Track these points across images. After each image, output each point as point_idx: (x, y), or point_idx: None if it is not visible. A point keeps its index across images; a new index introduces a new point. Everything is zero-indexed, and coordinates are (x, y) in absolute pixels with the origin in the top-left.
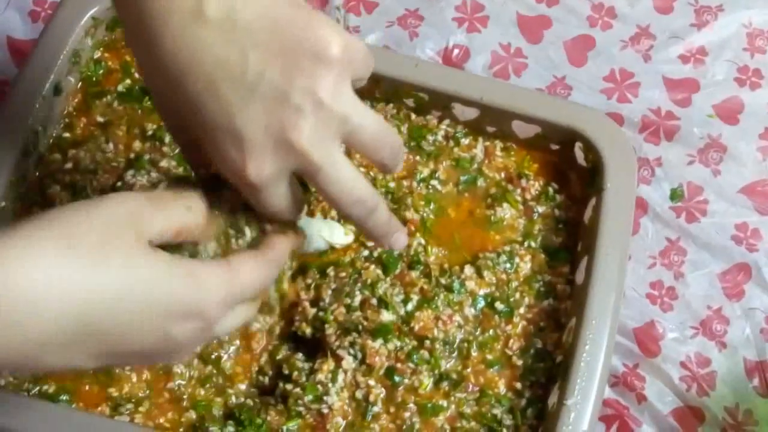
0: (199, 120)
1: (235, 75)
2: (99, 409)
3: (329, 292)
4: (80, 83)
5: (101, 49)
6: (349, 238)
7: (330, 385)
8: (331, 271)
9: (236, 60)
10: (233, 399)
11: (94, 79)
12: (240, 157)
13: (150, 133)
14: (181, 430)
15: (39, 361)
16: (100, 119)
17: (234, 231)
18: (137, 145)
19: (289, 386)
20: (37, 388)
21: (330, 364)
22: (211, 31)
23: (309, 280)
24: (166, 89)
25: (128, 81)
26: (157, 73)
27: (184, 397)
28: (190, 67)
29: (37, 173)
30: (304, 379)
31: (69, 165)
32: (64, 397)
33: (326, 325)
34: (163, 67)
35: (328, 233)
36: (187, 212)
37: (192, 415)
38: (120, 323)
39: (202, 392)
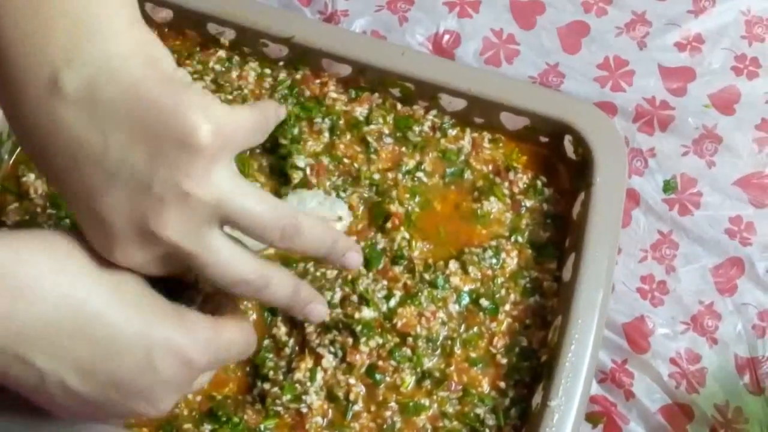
0: (64, 196)
1: (96, 158)
2: None
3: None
4: None
5: None
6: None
7: (308, 384)
8: (311, 267)
9: (97, 142)
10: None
11: None
12: (105, 242)
13: None
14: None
15: (26, 352)
16: None
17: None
18: None
19: (266, 385)
20: None
21: (308, 363)
22: (70, 107)
23: None
24: (33, 155)
25: None
26: (21, 139)
27: None
28: (49, 144)
29: (12, 161)
30: (281, 377)
31: None
32: None
33: (306, 323)
34: (24, 137)
35: (328, 208)
36: None
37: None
38: (108, 336)
39: None
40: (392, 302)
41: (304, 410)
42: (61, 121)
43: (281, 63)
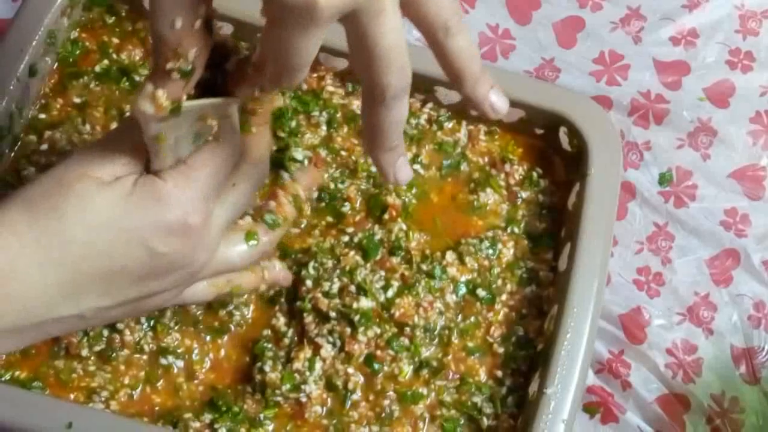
0: None
1: None
2: (72, 396)
3: (308, 280)
4: (56, 64)
5: (78, 29)
6: None
7: (307, 373)
8: (309, 258)
9: None
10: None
11: (70, 59)
12: None
13: (127, 114)
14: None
15: (51, 313)
16: (76, 100)
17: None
18: (114, 126)
19: (266, 375)
20: (9, 374)
21: (306, 352)
22: None
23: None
24: None
25: (105, 62)
26: None
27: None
28: None
29: (12, 155)
30: (280, 367)
31: (45, 147)
32: (36, 384)
33: (304, 314)
34: None
35: None
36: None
37: (168, 402)
38: (104, 258)
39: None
40: (390, 292)
41: (304, 399)
42: None
43: None
